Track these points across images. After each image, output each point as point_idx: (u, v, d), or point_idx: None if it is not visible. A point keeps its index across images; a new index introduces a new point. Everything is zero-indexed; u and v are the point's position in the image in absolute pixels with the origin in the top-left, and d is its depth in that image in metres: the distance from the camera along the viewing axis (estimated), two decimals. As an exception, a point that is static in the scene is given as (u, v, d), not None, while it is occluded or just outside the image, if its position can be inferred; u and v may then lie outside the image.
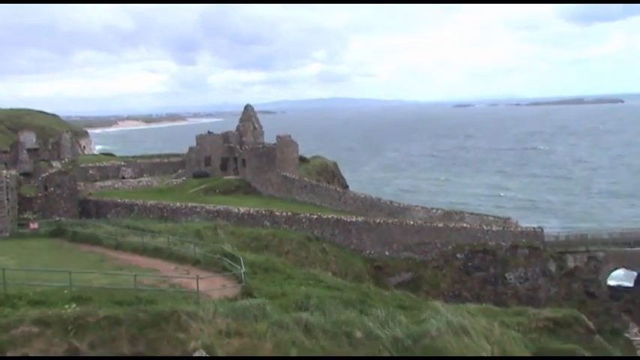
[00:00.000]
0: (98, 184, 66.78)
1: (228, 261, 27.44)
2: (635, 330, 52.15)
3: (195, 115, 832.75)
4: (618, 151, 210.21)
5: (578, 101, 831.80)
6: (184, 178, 70.10)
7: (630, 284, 58.36)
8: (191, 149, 74.06)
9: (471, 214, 62.72)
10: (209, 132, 77.96)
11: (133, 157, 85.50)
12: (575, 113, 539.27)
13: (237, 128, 77.61)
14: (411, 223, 55.40)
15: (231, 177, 70.96)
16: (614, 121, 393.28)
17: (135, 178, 71.83)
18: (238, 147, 72.46)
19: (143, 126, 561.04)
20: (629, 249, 55.45)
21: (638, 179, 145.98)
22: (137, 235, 36.77)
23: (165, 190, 65.05)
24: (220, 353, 15.12)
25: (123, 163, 75.39)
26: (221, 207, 56.54)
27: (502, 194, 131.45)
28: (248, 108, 79.05)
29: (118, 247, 34.34)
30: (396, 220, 56.48)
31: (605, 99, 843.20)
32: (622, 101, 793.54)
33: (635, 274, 56.86)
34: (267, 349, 16.04)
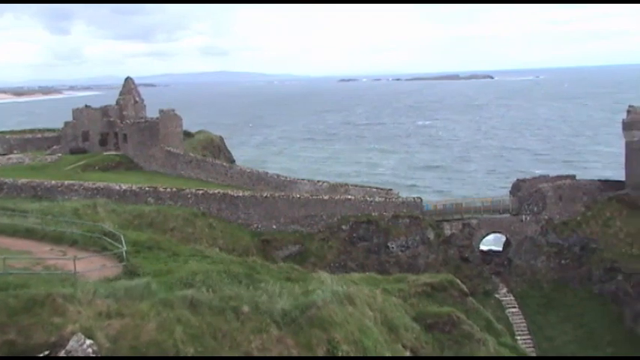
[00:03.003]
0: (-39, 162, 61.83)
1: (109, 240, 26.41)
2: (504, 290, 56.26)
3: (72, 88, 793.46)
4: (488, 125, 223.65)
5: (454, 77, 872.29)
6: (60, 155, 66.46)
7: (499, 248, 62.80)
8: (67, 124, 70.32)
9: (355, 186, 64.45)
10: (86, 106, 74.31)
11: (2, 132, 79.74)
12: (450, 88, 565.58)
13: (117, 102, 74.56)
14: (298, 196, 56.03)
15: (112, 153, 68.21)
16: (485, 96, 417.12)
17: (4, 154, 67.17)
18: (119, 121, 69.64)
19: (13, 99, 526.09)
20: (498, 215, 59.46)
21: (505, 152, 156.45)
22: (6, 215, 34.40)
23: (38, 168, 61.30)
24: (100, 336, 14.62)
25: (-11, 139, 70.21)
26: (101, 184, 54.22)
27: (381, 170, 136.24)
28: (128, 81, 76.14)
29: (-16, 229, 31.97)
30: (283, 193, 56.90)
31: (477, 75, 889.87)
32: (492, 77, 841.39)
33: (504, 238, 61.18)
34: (150, 329, 15.68)
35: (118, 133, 68.79)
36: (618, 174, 67.13)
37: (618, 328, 51.82)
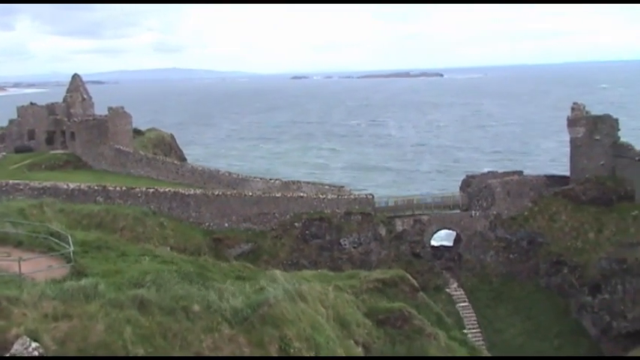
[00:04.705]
0: None
1: (56, 240, 25.77)
2: (455, 285, 57.30)
3: (17, 85, 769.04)
4: (438, 123, 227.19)
5: (405, 74, 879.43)
6: (4, 154, 64.60)
7: (450, 244, 63.88)
8: (12, 122, 68.41)
9: (308, 183, 64.62)
10: (32, 103, 72.33)
11: (-59, 130, 76.66)
12: (401, 86, 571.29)
13: (65, 99, 72.90)
14: (250, 194, 55.84)
15: (59, 151, 66.59)
16: (435, 94, 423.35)
17: (-56, 154, 64.72)
18: (66, 119, 68.01)
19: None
20: (449, 211, 60.48)
21: (455, 149, 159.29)
22: (-53, 217, 33.14)
23: (-19, 167, 59.44)
24: (46, 338, 14.30)
25: None
26: (48, 183, 52.88)
27: (333, 167, 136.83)
28: (76, 78, 74.51)
29: None
30: (235, 191, 56.62)
31: (428, 73, 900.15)
32: (442, 75, 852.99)
33: (454, 233, 62.28)
34: (99, 330, 15.43)
35: (65, 131, 67.18)
36: (563, 169, 69.17)
37: (564, 319, 53.43)
